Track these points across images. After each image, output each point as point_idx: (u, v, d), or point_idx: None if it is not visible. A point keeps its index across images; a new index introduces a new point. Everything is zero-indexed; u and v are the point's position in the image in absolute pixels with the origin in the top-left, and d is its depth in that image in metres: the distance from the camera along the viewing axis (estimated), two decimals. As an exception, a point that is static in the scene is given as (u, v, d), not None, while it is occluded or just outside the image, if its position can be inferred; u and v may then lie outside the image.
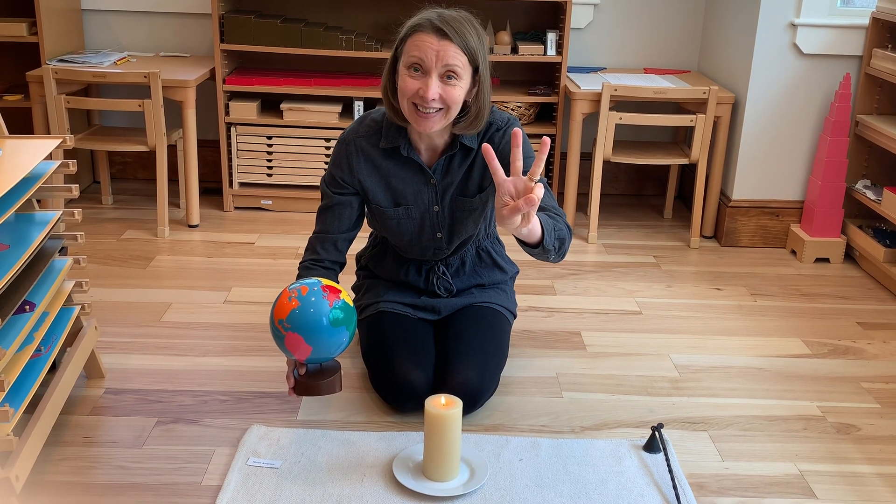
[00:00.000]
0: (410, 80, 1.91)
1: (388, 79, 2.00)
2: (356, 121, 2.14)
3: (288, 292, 1.81)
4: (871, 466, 1.98)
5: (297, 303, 1.78)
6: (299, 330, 1.78)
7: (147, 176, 3.87)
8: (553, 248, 1.87)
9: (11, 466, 1.62)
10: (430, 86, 1.89)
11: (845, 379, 2.37)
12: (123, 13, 3.67)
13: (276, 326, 1.81)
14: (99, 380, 2.21)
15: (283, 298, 1.81)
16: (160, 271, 2.93)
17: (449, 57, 1.88)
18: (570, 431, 2.07)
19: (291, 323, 1.78)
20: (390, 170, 2.08)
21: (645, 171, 3.90)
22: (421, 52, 1.89)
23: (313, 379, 1.89)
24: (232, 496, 1.77)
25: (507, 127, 2.08)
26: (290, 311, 1.78)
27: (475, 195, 2.12)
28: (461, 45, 1.89)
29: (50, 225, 1.88)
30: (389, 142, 2.06)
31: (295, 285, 1.84)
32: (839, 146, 3.13)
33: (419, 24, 1.91)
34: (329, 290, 1.83)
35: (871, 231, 3.15)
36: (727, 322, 2.70)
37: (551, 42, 3.40)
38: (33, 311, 1.78)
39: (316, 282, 1.84)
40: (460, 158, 2.09)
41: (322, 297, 1.80)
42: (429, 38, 1.88)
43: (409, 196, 2.10)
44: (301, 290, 1.80)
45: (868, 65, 3.12)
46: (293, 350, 1.82)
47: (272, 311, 1.82)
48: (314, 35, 3.35)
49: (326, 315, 1.79)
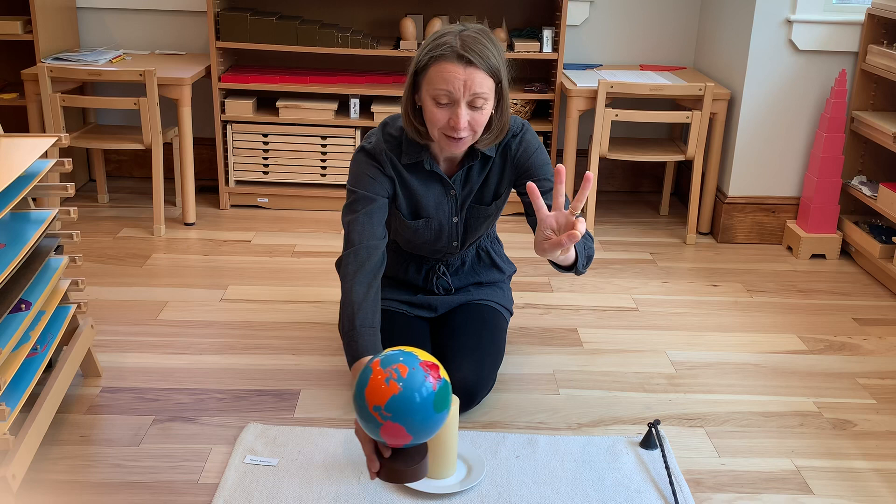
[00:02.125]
0: (438, 110, 1.86)
1: (409, 101, 1.94)
2: (374, 133, 2.05)
3: (383, 372, 1.54)
4: (867, 462, 1.99)
5: (398, 387, 1.51)
6: (401, 419, 1.52)
7: (143, 174, 3.87)
8: (583, 267, 1.89)
9: (8, 465, 1.61)
10: (460, 116, 1.85)
11: (841, 375, 2.38)
12: (118, 11, 3.66)
13: (370, 413, 1.53)
14: (95, 378, 2.21)
15: (377, 380, 1.53)
16: (156, 269, 2.93)
17: (476, 85, 1.84)
18: (566, 428, 2.07)
19: (392, 411, 1.51)
20: (413, 183, 2.05)
21: (641, 168, 3.91)
22: (448, 85, 1.83)
23: (400, 463, 1.62)
24: (229, 494, 1.77)
25: (522, 133, 2.06)
26: (391, 396, 1.51)
27: (491, 202, 2.12)
28: (486, 68, 1.84)
29: (46, 223, 1.88)
30: (412, 157, 2.01)
31: (388, 362, 1.56)
32: (835, 142, 3.13)
33: (442, 54, 1.83)
34: (430, 367, 1.57)
35: (867, 227, 3.16)
36: (723, 318, 2.70)
37: (547, 39, 3.40)
38: (29, 309, 1.78)
39: (413, 357, 1.57)
40: (479, 167, 2.08)
41: (424, 378, 1.54)
42: (454, 69, 1.83)
43: (430, 208, 2.09)
44: (400, 370, 1.53)
45: (864, 61, 3.13)
46: (388, 438, 1.56)
47: (363, 394, 1.54)
48: (310, 32, 3.35)
49: (432, 401, 1.54)
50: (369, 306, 1.89)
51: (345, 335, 1.87)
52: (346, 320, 1.87)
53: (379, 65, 3.67)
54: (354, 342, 1.84)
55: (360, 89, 3.43)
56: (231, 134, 3.45)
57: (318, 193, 3.52)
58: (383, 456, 1.64)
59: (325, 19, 3.59)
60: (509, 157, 2.07)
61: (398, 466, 1.61)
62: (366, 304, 1.89)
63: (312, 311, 2.64)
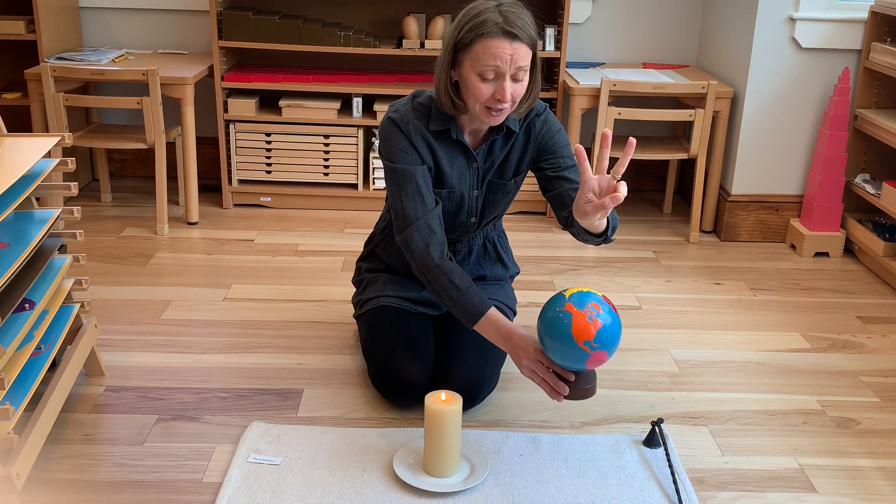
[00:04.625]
0: (483, 85, 1.89)
1: (446, 75, 1.96)
2: (402, 102, 2.08)
3: (582, 312, 1.75)
4: (870, 460, 1.98)
5: (600, 322, 1.75)
6: (606, 346, 1.76)
7: (146, 173, 3.87)
8: (611, 234, 1.94)
9: (12, 464, 1.62)
10: (506, 89, 1.88)
11: (845, 373, 2.38)
12: (121, 10, 3.67)
13: (580, 348, 1.74)
14: (99, 377, 2.21)
15: (580, 319, 1.74)
16: (159, 269, 2.93)
17: (521, 58, 1.88)
18: (570, 427, 2.07)
19: (600, 342, 1.75)
20: (438, 151, 2.07)
21: (644, 166, 3.90)
22: (497, 60, 1.86)
23: (583, 383, 1.86)
24: (233, 493, 1.77)
25: (545, 113, 2.11)
26: (598, 330, 1.74)
27: (511, 178, 2.14)
28: (528, 41, 1.89)
29: (49, 223, 1.88)
30: (439, 125, 2.04)
31: (581, 303, 1.77)
32: (838, 140, 3.13)
33: (488, 31, 1.86)
34: (606, 299, 1.80)
35: (871, 225, 3.15)
36: (727, 317, 2.70)
37: (550, 37, 3.40)
38: (33, 309, 1.78)
39: (594, 294, 1.79)
40: (502, 141, 2.11)
41: (610, 307, 1.79)
42: (502, 45, 1.86)
43: (454, 179, 2.10)
44: (595, 307, 1.76)
45: (867, 59, 3.12)
46: (591, 364, 1.79)
47: (569, 334, 1.74)
48: (312, 31, 3.35)
49: (619, 325, 1.79)
50: (455, 268, 1.98)
51: (456, 302, 1.95)
52: (450, 288, 1.96)
53: (382, 64, 3.67)
54: (471, 302, 1.95)
55: (362, 88, 3.43)
56: (234, 133, 3.45)
57: (321, 192, 3.52)
58: (568, 380, 1.85)
59: (328, 18, 3.59)
60: (533, 134, 2.10)
61: (582, 386, 1.85)
62: (454, 267, 1.98)
63: (315, 310, 2.64)
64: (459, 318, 1.98)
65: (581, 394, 1.86)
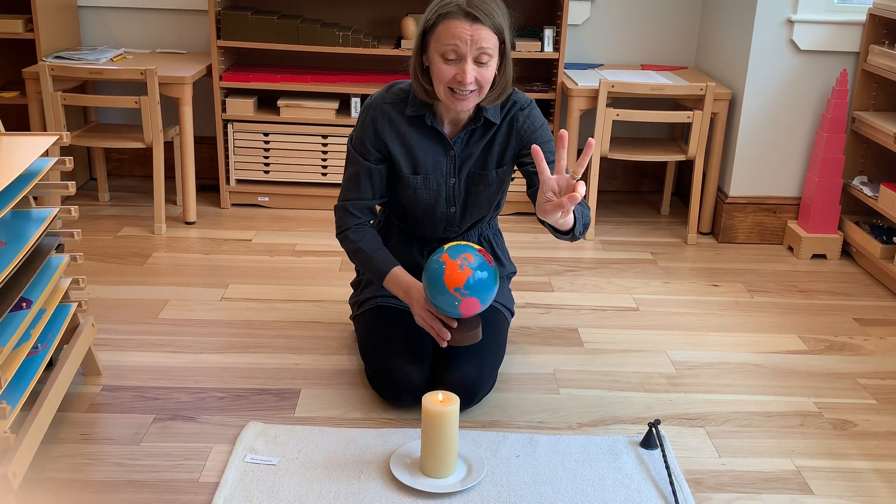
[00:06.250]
0: (445, 66, 1.94)
1: (417, 60, 2.02)
2: (384, 88, 2.16)
3: (454, 261, 1.90)
4: (867, 462, 1.99)
5: (470, 270, 1.89)
6: (477, 293, 1.91)
7: (144, 173, 3.87)
8: (579, 233, 1.96)
9: (9, 463, 1.62)
10: (466, 71, 1.92)
11: (842, 375, 2.38)
12: (120, 10, 3.66)
13: (451, 294, 1.90)
14: (96, 377, 2.21)
15: (452, 268, 1.90)
16: (157, 268, 2.93)
17: (482, 40, 1.92)
18: (567, 428, 2.07)
19: (469, 289, 1.89)
20: (413, 137, 2.11)
21: (642, 168, 3.90)
22: (456, 40, 1.91)
23: (465, 329, 2.01)
24: (229, 493, 1.77)
25: (529, 108, 2.13)
26: (467, 278, 1.89)
27: (493, 170, 2.15)
28: (491, 25, 1.93)
29: (46, 222, 1.88)
30: (415, 110, 2.09)
31: (455, 253, 1.92)
32: (836, 142, 3.13)
33: (449, 12, 1.93)
34: (482, 252, 1.96)
35: (868, 227, 3.16)
36: (724, 318, 2.70)
37: (548, 38, 3.40)
38: (30, 308, 1.78)
39: (470, 246, 1.95)
40: (481, 132, 2.13)
41: (484, 259, 1.93)
42: (461, 25, 1.91)
43: (428, 165, 2.13)
44: (467, 258, 1.91)
45: (865, 61, 3.13)
46: (465, 311, 1.93)
47: (441, 281, 1.90)
48: (311, 31, 3.35)
49: (494, 275, 1.94)
50: (366, 236, 2.15)
51: (364, 263, 2.15)
52: (359, 254, 2.15)
53: (380, 64, 3.67)
54: (377, 262, 2.12)
55: (361, 88, 3.43)
56: (232, 133, 3.45)
57: (318, 192, 3.52)
58: (451, 327, 2.01)
59: (327, 18, 3.59)
60: (515, 127, 2.12)
61: (464, 332, 2.01)
62: (363, 235, 2.15)
63: (313, 310, 2.64)
64: (372, 278, 2.16)
65: (463, 339, 2.01)
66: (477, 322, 2.03)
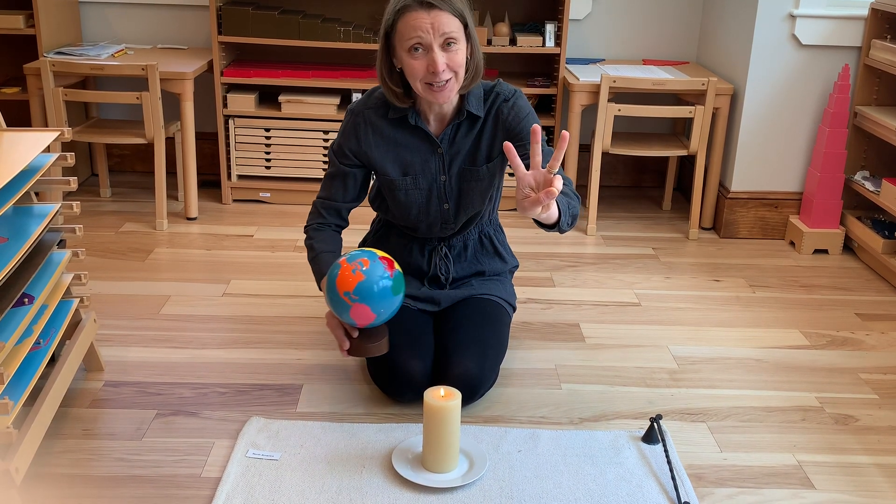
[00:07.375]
0: (415, 61, 1.94)
1: (385, 65, 2.01)
2: (366, 93, 2.16)
3: (349, 265, 1.87)
4: (869, 457, 1.99)
5: (363, 276, 1.86)
6: (367, 300, 1.86)
7: (145, 168, 3.87)
8: (567, 225, 1.93)
9: (11, 459, 1.62)
10: (437, 60, 1.92)
11: (843, 370, 2.38)
12: (121, 5, 3.66)
13: (341, 298, 1.86)
14: (98, 372, 2.22)
15: (345, 271, 1.87)
16: (159, 264, 2.93)
17: (444, 25, 1.91)
18: (568, 423, 2.08)
19: (359, 294, 1.86)
20: (399, 139, 2.11)
21: (644, 163, 3.90)
22: (418, 31, 1.91)
23: (366, 341, 1.97)
24: (231, 488, 1.77)
25: (514, 98, 2.11)
26: (357, 283, 1.85)
27: (483, 164, 2.14)
28: (450, 9, 1.92)
29: (48, 218, 1.88)
30: (398, 112, 2.09)
31: (353, 258, 1.89)
32: (838, 137, 3.13)
33: (404, 6, 1.92)
34: (386, 260, 1.91)
35: (870, 222, 3.15)
36: (726, 313, 2.70)
37: (550, 33, 3.40)
38: (32, 303, 1.78)
39: (372, 253, 1.91)
40: (467, 127, 2.12)
41: (384, 268, 1.89)
42: (420, 16, 1.90)
43: (417, 165, 2.13)
44: (363, 262, 1.88)
45: (867, 56, 3.12)
46: (357, 319, 1.89)
47: (334, 284, 1.87)
48: (312, 27, 3.34)
49: (389, 285, 1.88)
50: (320, 235, 2.17)
51: (310, 261, 2.15)
52: (309, 251, 2.16)
53: (381, 59, 3.66)
54: (318, 265, 2.11)
55: (362, 84, 3.43)
56: (233, 128, 3.45)
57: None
58: (352, 336, 1.98)
59: (328, 13, 3.59)
60: (501, 119, 2.10)
61: (365, 343, 1.96)
62: (318, 235, 2.18)
63: (314, 305, 2.64)
64: (315, 278, 2.14)
65: (365, 349, 1.97)
66: (382, 333, 1.98)
